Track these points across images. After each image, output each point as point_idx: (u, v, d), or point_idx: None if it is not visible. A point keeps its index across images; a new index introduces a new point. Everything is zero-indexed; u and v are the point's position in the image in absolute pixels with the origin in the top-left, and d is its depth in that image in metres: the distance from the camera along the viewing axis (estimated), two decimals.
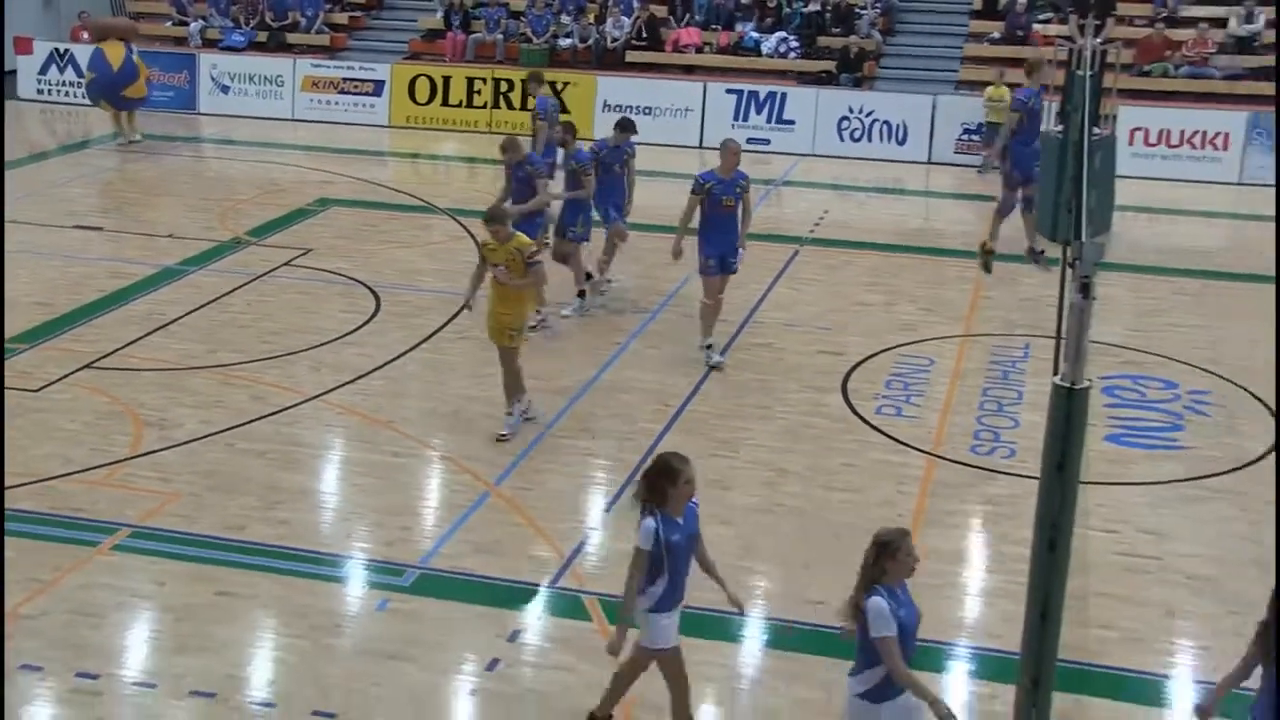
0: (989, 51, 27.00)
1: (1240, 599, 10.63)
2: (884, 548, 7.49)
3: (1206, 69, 26.26)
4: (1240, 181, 24.71)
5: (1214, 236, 22.44)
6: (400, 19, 30.39)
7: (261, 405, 13.56)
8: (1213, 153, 24.89)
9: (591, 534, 11.44)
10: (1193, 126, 24.99)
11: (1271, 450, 13.36)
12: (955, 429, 13.62)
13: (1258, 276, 19.09)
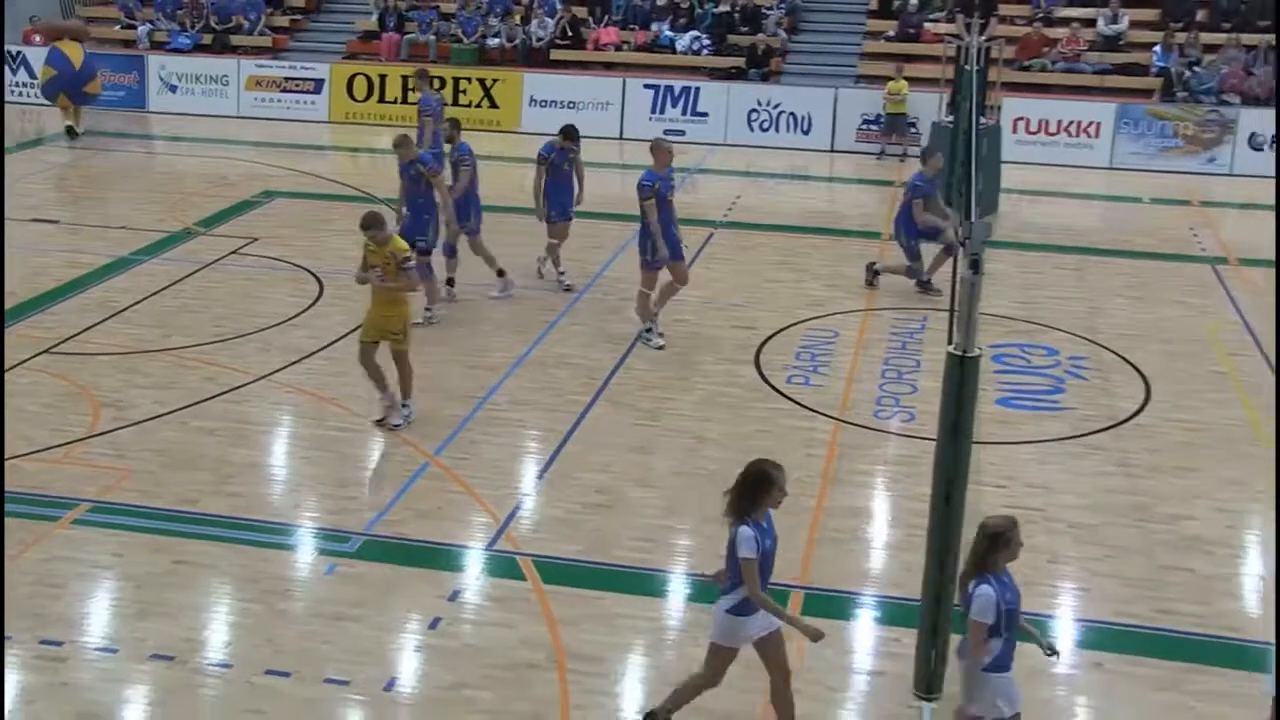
0: (885, 48, 27.15)
1: (1115, 544, 10.81)
2: (996, 539, 7.42)
3: (1079, 65, 26.54)
4: (1111, 166, 24.99)
5: (1089, 216, 22.68)
6: (338, 21, 30.08)
7: (213, 385, 13.40)
8: (1086, 140, 25.16)
9: (525, 500, 11.39)
10: (1068, 117, 25.24)
11: (1141, 408, 13.55)
12: (859, 396, 13.69)
13: (1128, 252, 19.40)
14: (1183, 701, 8.80)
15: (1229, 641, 9.58)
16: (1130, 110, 25.07)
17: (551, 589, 9.87)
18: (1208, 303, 17.13)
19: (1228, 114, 24.83)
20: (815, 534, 10.80)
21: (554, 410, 13.08)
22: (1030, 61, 26.43)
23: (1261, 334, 15.83)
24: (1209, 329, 16.06)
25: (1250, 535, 11.20)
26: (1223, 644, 9.54)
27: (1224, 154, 24.73)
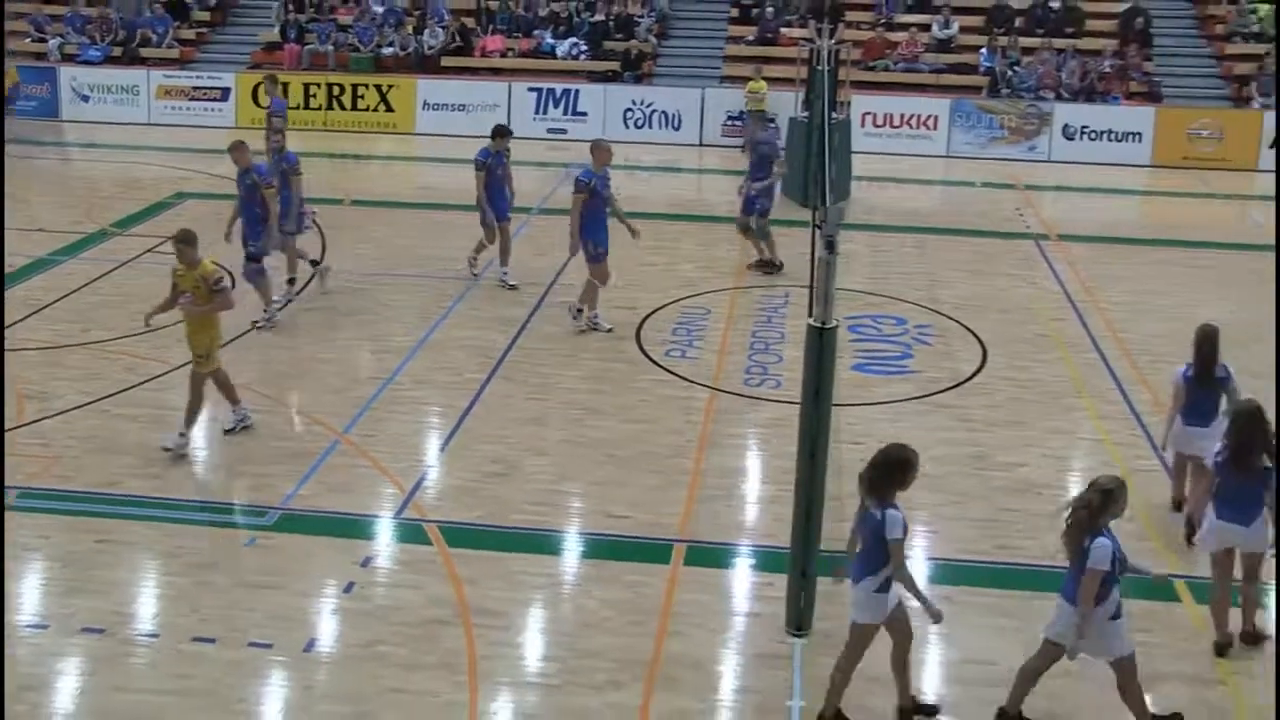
0: (746, 51, 27.24)
1: (959, 491, 10.99)
2: (1108, 495, 7.48)
3: (917, 65, 26.88)
4: (947, 155, 25.36)
5: (929, 199, 23.02)
6: (242, 33, 29.41)
7: (133, 375, 13.04)
8: (925, 132, 25.52)
9: (429, 471, 11.27)
10: (909, 111, 25.57)
11: (979, 369, 13.79)
12: (731, 366, 13.75)
13: (964, 231, 19.71)
14: (1023, 625, 8.95)
15: (1060, 570, 9.76)
16: (962, 105, 25.50)
17: (456, 551, 9.79)
18: (1033, 274, 17.48)
19: (1044, 108, 25.37)
20: (695, 492, 10.83)
21: (453, 388, 12.95)
22: (874, 62, 26.70)
23: (1078, 300, 16.19)
24: (1033, 297, 16.39)
25: (1074, 476, 11.45)
26: (1055, 573, 9.69)
27: (1042, 143, 25.27)
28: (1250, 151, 24.78)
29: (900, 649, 7.98)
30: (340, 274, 16.32)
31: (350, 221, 19.19)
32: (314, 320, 14.83)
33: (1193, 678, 8.50)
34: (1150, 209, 23.08)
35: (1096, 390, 13.32)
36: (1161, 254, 18.57)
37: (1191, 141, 24.94)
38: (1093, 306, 15.98)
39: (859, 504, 7.90)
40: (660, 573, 9.56)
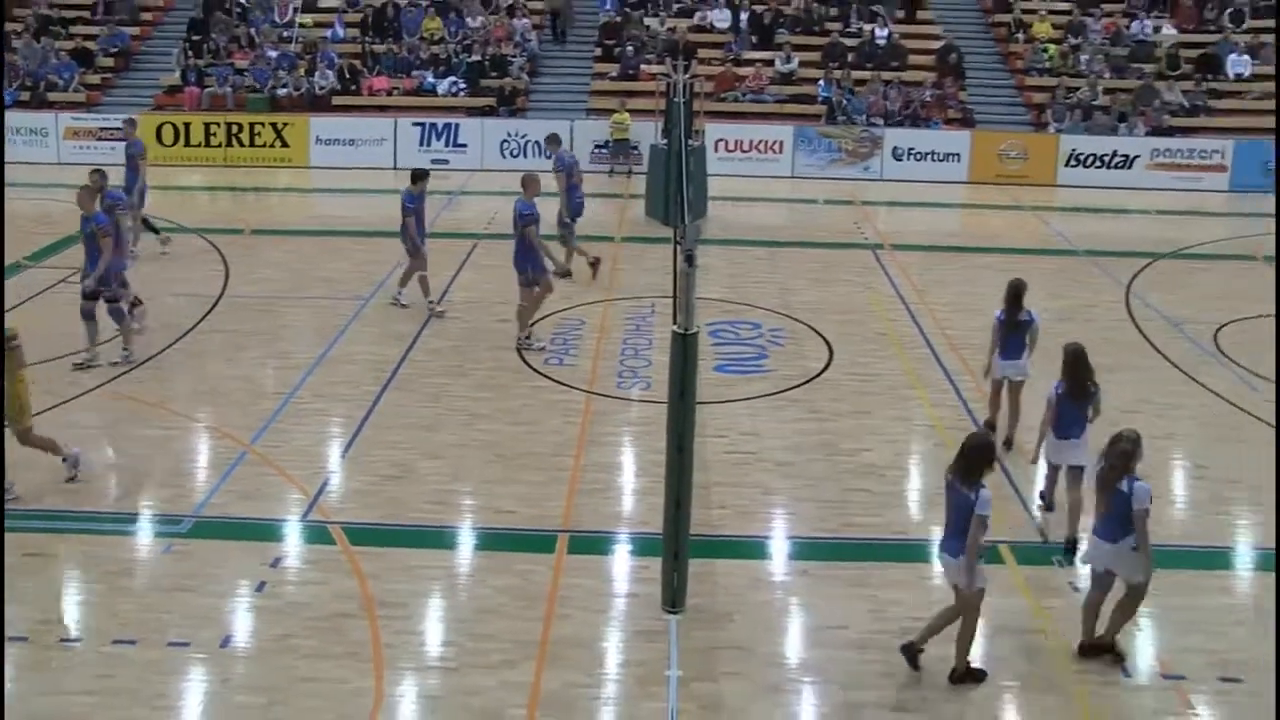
0: (610, 86, 27.25)
1: (811, 475, 11.15)
2: (1137, 444, 8.14)
3: (763, 96, 27.16)
4: (792, 175, 25.60)
5: (777, 216, 23.25)
6: (145, 78, 28.51)
7: (51, 398, 12.55)
8: (772, 155, 25.76)
9: (332, 476, 11.08)
10: (757, 137, 25.78)
11: (826, 366, 14.00)
12: (604, 371, 13.76)
13: (809, 243, 19.97)
14: (869, 593, 9.16)
15: (898, 542, 10.03)
16: (804, 131, 25.81)
17: (358, 549, 9.65)
18: (870, 280, 17.77)
19: (876, 132, 25.78)
20: (575, 487, 10.82)
21: (351, 400, 12.75)
22: (725, 94, 26.92)
23: (911, 302, 16.54)
24: (872, 300, 16.69)
25: (911, 459, 11.72)
26: (894, 545, 9.98)
27: (875, 163, 25.68)
28: (1049, 169, 25.55)
29: (952, 610, 8.13)
30: (244, 298, 16.01)
31: (251, 249, 18.78)
32: (220, 341, 14.48)
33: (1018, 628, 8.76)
34: (969, 220, 23.64)
35: (929, 381, 13.62)
36: (980, 259, 19.05)
37: (1001, 161, 25.60)
38: (923, 308, 16.34)
39: (947, 487, 7.98)
40: (546, 561, 9.55)
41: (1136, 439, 8.20)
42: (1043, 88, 27.55)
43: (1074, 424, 9.91)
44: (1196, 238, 21.13)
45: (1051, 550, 9.84)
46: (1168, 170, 25.47)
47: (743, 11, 29.42)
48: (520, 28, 28.69)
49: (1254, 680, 8.19)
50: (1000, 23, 30.00)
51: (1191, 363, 14.44)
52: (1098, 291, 17.33)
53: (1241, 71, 28.07)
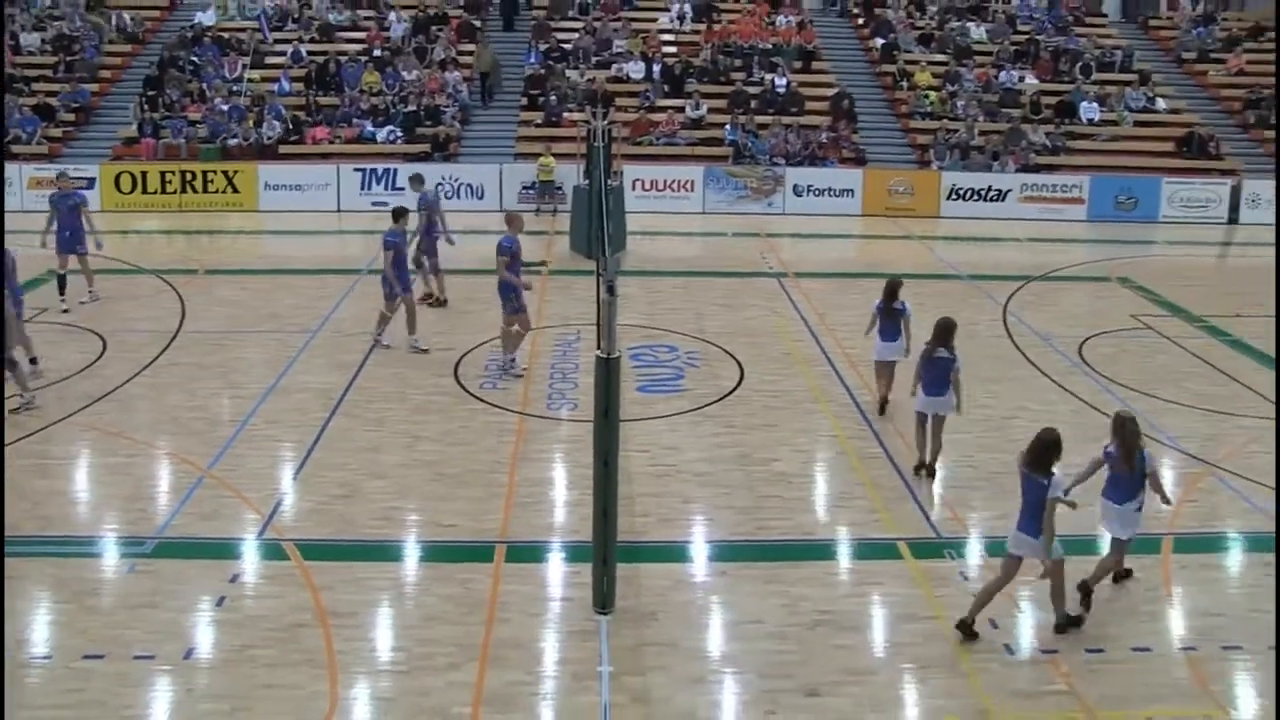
0: (535, 132, 27.23)
1: (727, 484, 11.21)
2: (1135, 420, 8.90)
3: (675, 139, 27.33)
4: (703, 212, 25.73)
5: (690, 249, 23.34)
6: (103, 131, 27.87)
7: (19, 431, 12.22)
8: (684, 194, 25.88)
9: (285, 497, 10.91)
10: (671, 177, 25.90)
11: (738, 384, 14.11)
12: (535, 394, 13.72)
13: (720, 273, 20.10)
14: (782, 589, 9.24)
15: (807, 543, 10.13)
16: (713, 171, 26.00)
17: (311, 564, 9.52)
18: (776, 305, 17.92)
19: (778, 172, 26.06)
20: (511, 501, 10.78)
21: (301, 426, 12.57)
22: (641, 138, 27.06)
23: (813, 324, 16.74)
24: (778, 324, 16.86)
25: (818, 467, 11.84)
26: (803, 545, 10.07)
27: (778, 200, 25.94)
28: (933, 202, 26.03)
29: (1000, 582, 8.60)
30: (200, 333, 15.75)
31: (206, 288, 18.46)
32: (178, 374, 14.19)
33: (915, 615, 8.89)
34: (863, 249, 23.98)
35: (831, 396, 13.78)
36: (875, 285, 18.90)
37: (890, 195, 26.03)
38: (824, 329, 16.54)
39: (1022, 477, 8.50)
40: (486, 570, 9.49)
41: (1135, 417, 8.90)
42: (925, 130, 28.12)
43: (935, 379, 11.25)
44: (1061, 262, 21.69)
45: (943, 545, 10.02)
46: (1035, 203, 26.12)
47: (655, 64, 29.68)
48: (452, 80, 28.63)
49: (1113, 650, 8.46)
50: (886, 72, 30.59)
51: (1061, 373, 14.80)
52: (979, 311, 17.69)
53: (1093, 117, 28.97)
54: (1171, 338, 16.60)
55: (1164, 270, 21.32)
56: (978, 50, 31.39)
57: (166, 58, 28.89)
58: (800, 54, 30.68)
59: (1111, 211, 26.16)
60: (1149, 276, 20.52)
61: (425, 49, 29.97)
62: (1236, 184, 26.67)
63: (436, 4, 32.31)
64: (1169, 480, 11.11)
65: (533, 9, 32.85)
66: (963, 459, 11.92)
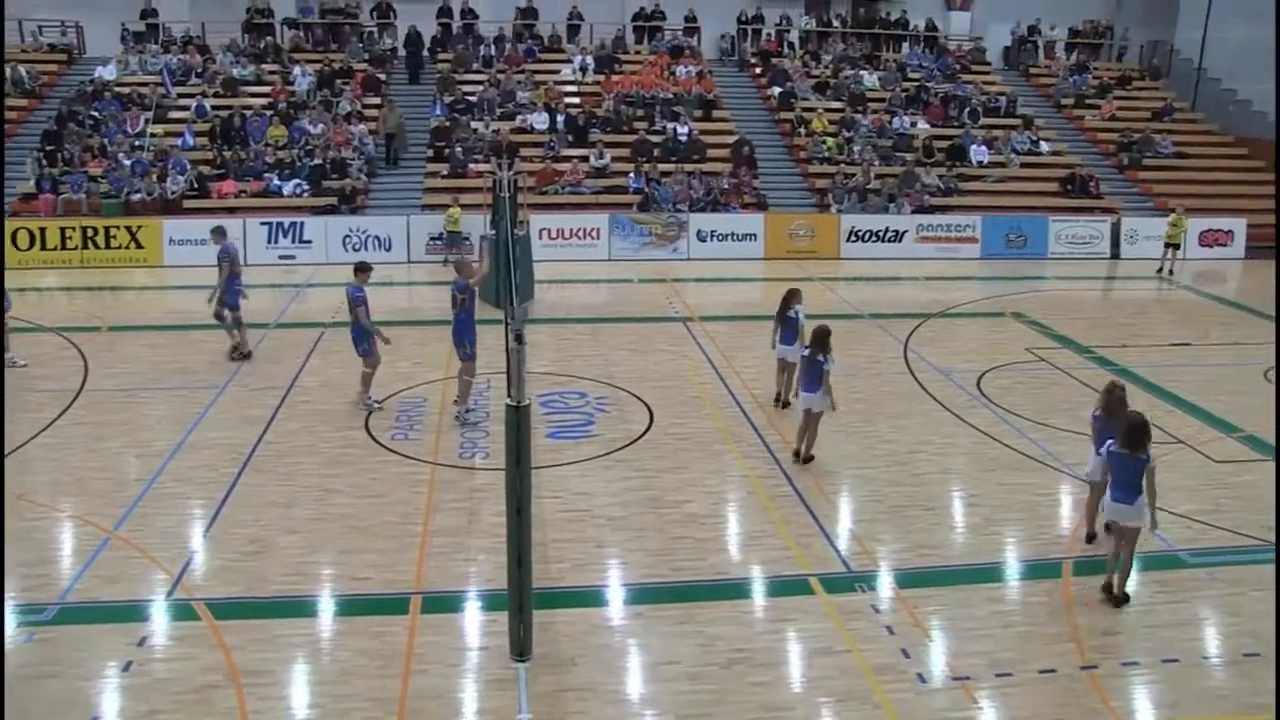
0: (441, 184, 27.15)
1: (639, 528, 11.18)
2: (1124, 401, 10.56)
3: (581, 188, 27.49)
4: (609, 259, 25.89)
5: (597, 296, 23.41)
6: None
7: None
8: (590, 241, 25.99)
9: (195, 555, 10.58)
10: (577, 225, 25.99)
11: (648, 428, 14.13)
12: (447, 443, 13.56)
13: (627, 318, 20.19)
14: (696, 629, 9.23)
15: (719, 582, 10.14)
16: (619, 219, 26.16)
17: (222, 623, 9.24)
18: (683, 349, 18.04)
19: (681, 218, 26.30)
20: (425, 551, 10.62)
21: (211, 482, 12.25)
22: (546, 188, 27.15)
23: (720, 367, 16.87)
24: (685, 367, 16.96)
25: (729, 507, 11.87)
26: (716, 585, 10.08)
27: (683, 245, 26.19)
28: (833, 244, 26.58)
29: (1126, 548, 9.79)
30: (104, 391, 15.29)
31: (110, 345, 17.95)
32: (81, 433, 13.74)
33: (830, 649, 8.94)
34: (767, 292, 24.11)
35: (740, 437, 13.87)
36: None
37: (792, 239, 26.49)
38: (731, 371, 16.68)
39: (1119, 458, 9.59)
40: (401, 622, 9.32)
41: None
42: (824, 174, 28.72)
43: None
44: (958, 299, 22.25)
45: (854, 579, 10.12)
46: (931, 243, 26.83)
47: (559, 114, 29.88)
48: (358, 133, 28.46)
49: (1020, 673, 8.61)
50: (784, 119, 31.23)
51: (960, 406, 15.12)
52: (881, 348, 18.03)
53: (982, 159, 29.92)
54: (1063, 369, 17.10)
55: (1054, 304, 22.00)
56: (871, 97, 32.28)
57: (65, 112, 28.26)
58: (701, 103, 31.18)
59: (1003, 249, 26.99)
60: (1040, 310, 21.16)
61: (331, 102, 29.79)
62: (1116, 221, 27.76)
63: (341, 58, 32.20)
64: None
65: (437, 62, 32.92)
66: (870, 494, 12.09)
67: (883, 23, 37.32)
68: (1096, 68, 36.54)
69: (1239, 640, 9.27)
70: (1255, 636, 9.31)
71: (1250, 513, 11.78)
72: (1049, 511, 11.81)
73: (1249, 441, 13.99)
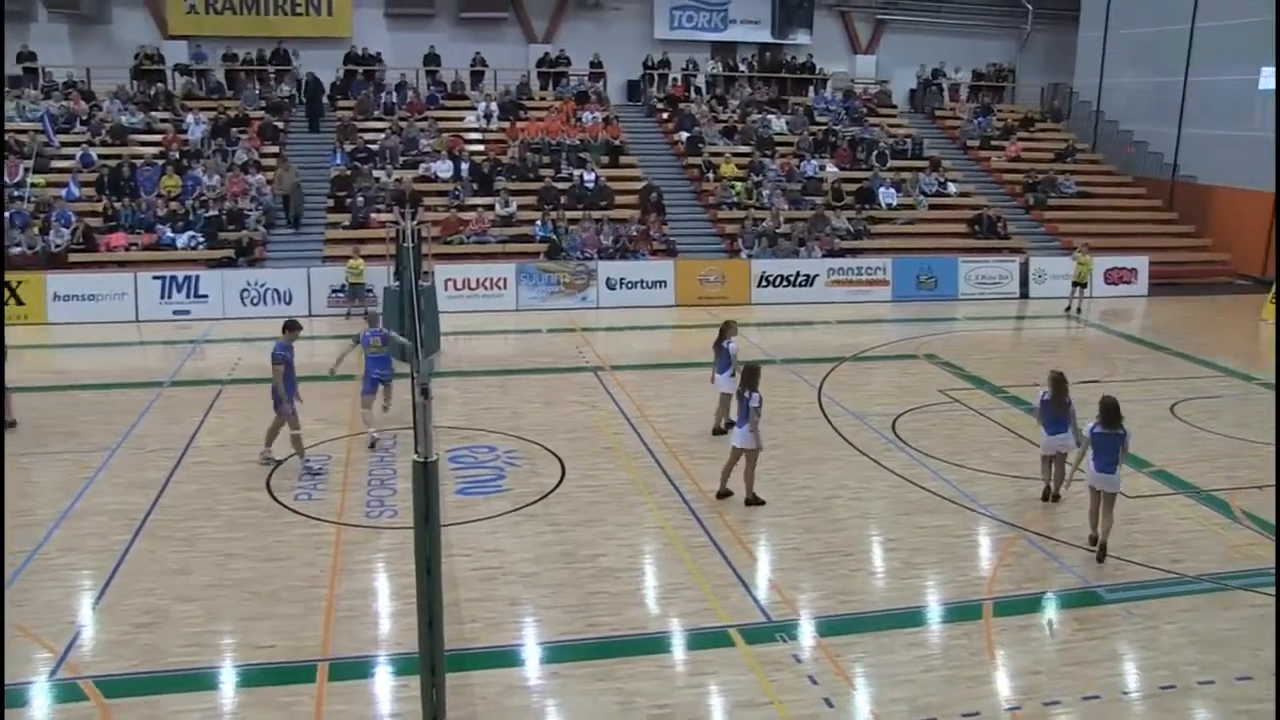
0: (343, 235, 26.97)
1: (554, 584, 11.13)
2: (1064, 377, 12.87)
3: (486, 237, 27.51)
4: (517, 309, 25.89)
5: (505, 347, 23.34)
6: None
7: None
8: (497, 291, 25.96)
9: (82, 630, 10.24)
10: (483, 275, 25.95)
11: (560, 481, 14.12)
12: (353, 502, 13.38)
13: (537, 369, 20.17)
14: (616, 685, 9.21)
15: (638, 637, 10.13)
16: (526, 268, 26.21)
17: (113, 702, 8.95)
18: (595, 399, 18.08)
19: (590, 266, 26.49)
20: (332, 616, 10.43)
21: (100, 551, 11.88)
22: (451, 237, 27.12)
23: (632, 417, 16.94)
24: (597, 418, 17.00)
25: (645, 559, 11.88)
26: (635, 640, 10.07)
27: (592, 293, 26.33)
28: (744, 290, 26.98)
29: (1108, 512, 11.73)
30: None
31: None
32: None
33: (752, 702, 8.98)
34: (678, 339, 24.49)
35: (654, 488, 13.92)
36: (690, 374, 19.73)
37: (702, 285, 26.82)
38: (644, 420, 16.76)
39: (1099, 437, 11.64)
40: (308, 691, 9.14)
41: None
42: (733, 219, 29.20)
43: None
44: (871, 342, 22.72)
45: (774, 629, 10.20)
46: (842, 286, 27.39)
47: (463, 162, 29.94)
48: (255, 183, 28.14)
49: (943, 716, 8.75)
50: (692, 165, 31.73)
51: (876, 450, 15.40)
52: (795, 394, 18.30)
53: (891, 202, 30.75)
54: (977, 409, 17.54)
55: (966, 345, 22.60)
56: (779, 141, 33.00)
57: None
58: (607, 149, 31.54)
59: (914, 291, 27.68)
60: (953, 352, 21.71)
61: (226, 151, 29.45)
62: (1024, 261, 28.68)
63: (237, 105, 31.89)
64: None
65: (337, 110, 32.81)
66: (787, 541, 12.22)
67: (789, 67, 38.28)
68: (1000, 109, 37.91)
69: (1156, 674, 9.57)
70: (1171, 669, 9.61)
71: (1161, 546, 12.19)
72: (967, 553, 12.06)
73: (1159, 476, 14.49)
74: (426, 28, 36.40)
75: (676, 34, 38.37)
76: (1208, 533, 12.67)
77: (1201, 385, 19.54)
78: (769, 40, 39.13)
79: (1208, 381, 19.88)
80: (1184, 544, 12.29)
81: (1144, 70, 35.79)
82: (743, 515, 12.89)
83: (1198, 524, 12.93)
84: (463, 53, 35.76)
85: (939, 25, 40.63)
